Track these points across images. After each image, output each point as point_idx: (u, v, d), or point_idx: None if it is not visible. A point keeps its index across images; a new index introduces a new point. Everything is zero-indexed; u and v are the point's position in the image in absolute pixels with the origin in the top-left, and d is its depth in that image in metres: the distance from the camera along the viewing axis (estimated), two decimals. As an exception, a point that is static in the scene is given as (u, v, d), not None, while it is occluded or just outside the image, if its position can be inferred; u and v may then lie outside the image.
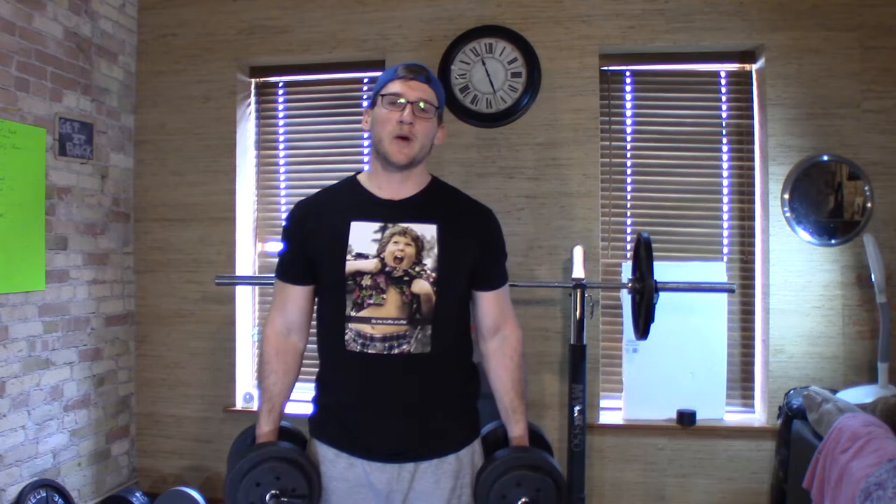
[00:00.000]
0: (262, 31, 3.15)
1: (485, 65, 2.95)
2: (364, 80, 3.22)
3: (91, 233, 2.96)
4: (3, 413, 2.50)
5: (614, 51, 2.98)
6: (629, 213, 3.05)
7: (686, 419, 2.84)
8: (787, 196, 2.81)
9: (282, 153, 3.30)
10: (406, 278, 1.42)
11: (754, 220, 2.96)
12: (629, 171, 3.05)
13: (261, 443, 1.50)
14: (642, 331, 2.49)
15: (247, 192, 3.26)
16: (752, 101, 2.96)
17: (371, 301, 1.42)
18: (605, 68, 3.01)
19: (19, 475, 2.57)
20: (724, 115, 3.01)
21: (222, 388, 3.16)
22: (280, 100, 3.30)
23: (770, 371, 2.82)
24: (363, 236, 1.44)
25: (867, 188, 2.76)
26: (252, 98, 3.28)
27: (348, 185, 1.56)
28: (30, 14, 2.59)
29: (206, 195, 3.18)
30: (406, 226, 1.46)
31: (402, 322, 1.42)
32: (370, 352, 1.42)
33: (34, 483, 2.58)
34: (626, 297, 2.88)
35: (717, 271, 2.90)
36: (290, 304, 1.54)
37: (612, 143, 3.04)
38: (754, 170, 2.96)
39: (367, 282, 1.42)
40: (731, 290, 2.71)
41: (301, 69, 3.22)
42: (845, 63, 2.78)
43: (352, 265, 1.43)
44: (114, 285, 3.11)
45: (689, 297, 2.84)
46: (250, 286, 3.25)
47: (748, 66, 2.97)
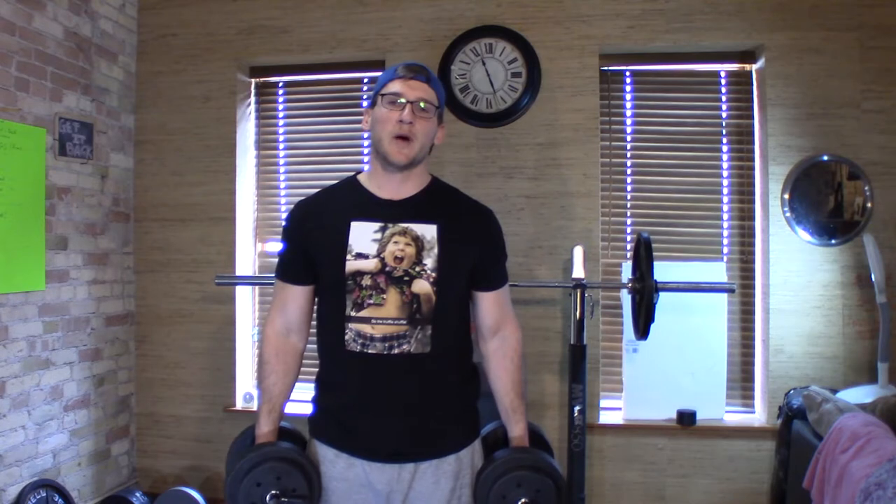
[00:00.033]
0: (262, 31, 3.15)
1: (485, 65, 2.95)
2: (364, 80, 3.22)
3: (91, 233, 2.96)
4: (3, 413, 2.50)
5: (614, 51, 2.98)
6: (629, 213, 3.05)
7: (686, 419, 2.84)
8: (787, 196, 2.81)
9: (282, 153, 3.30)
10: (406, 278, 1.42)
11: (754, 220, 2.96)
12: (629, 171, 3.05)
13: (261, 443, 1.50)
14: (642, 331, 2.49)
15: (247, 192, 3.26)
16: (752, 101, 2.96)
17: (371, 301, 1.42)
18: (605, 68, 3.01)
19: (19, 475, 2.57)
20: (724, 115, 3.01)
21: (222, 388, 3.16)
22: (280, 100, 3.30)
23: (770, 371, 2.82)
24: (363, 236, 1.44)
25: (867, 188, 2.76)
26: (252, 98, 3.28)
27: (348, 185, 1.56)
28: (30, 14, 2.59)
29: (206, 195, 3.18)
30: (406, 226, 1.46)
31: (402, 322, 1.42)
32: (370, 352, 1.42)
33: (34, 483, 2.58)
34: (626, 297, 2.88)
35: (717, 271, 2.90)
36: (290, 305, 1.53)
37: (612, 143, 3.04)
38: (754, 170, 2.96)
39: (367, 282, 1.42)
40: (731, 290, 2.71)
41: (301, 69, 3.22)
42: (845, 63, 2.78)
43: (352, 265, 1.43)
44: (114, 285, 3.11)
45: (689, 297, 2.84)
46: (250, 286, 3.25)
47: (748, 66, 2.97)
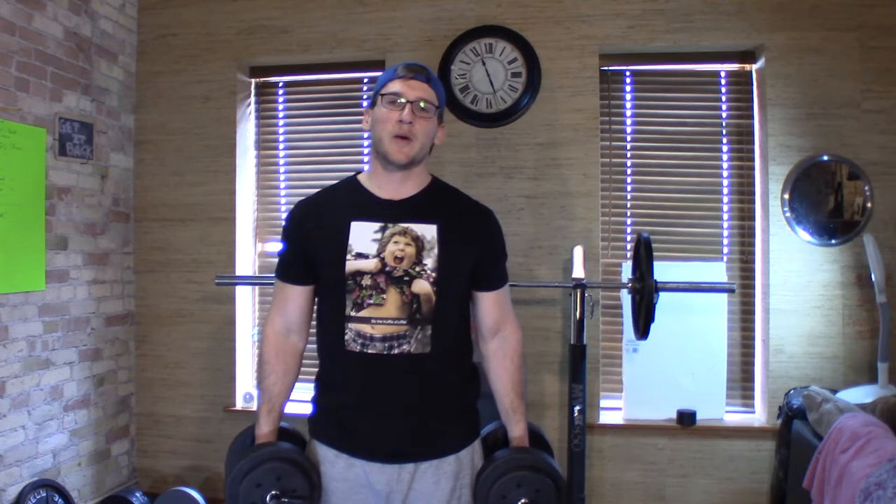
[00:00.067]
0: (262, 31, 3.15)
1: (485, 65, 2.95)
2: (364, 80, 3.22)
3: (91, 233, 2.96)
4: (3, 413, 2.50)
5: (614, 51, 2.98)
6: (629, 213, 3.05)
7: (686, 419, 2.84)
8: (787, 196, 2.81)
9: (282, 153, 3.30)
10: (406, 278, 1.42)
11: (754, 220, 2.96)
12: (629, 171, 3.05)
13: (261, 443, 1.50)
14: (642, 331, 2.49)
15: (247, 192, 3.26)
16: (752, 101, 2.96)
17: (371, 301, 1.42)
18: (605, 68, 3.01)
19: (19, 475, 2.57)
20: (724, 115, 3.01)
21: (222, 388, 3.16)
22: (280, 100, 3.30)
23: (770, 371, 2.82)
24: (363, 236, 1.44)
25: (867, 188, 2.76)
26: (252, 98, 3.28)
27: (348, 184, 1.56)
28: (30, 14, 2.59)
29: (206, 195, 3.18)
30: (406, 226, 1.46)
31: (402, 322, 1.42)
32: (370, 352, 1.41)
33: (34, 483, 2.58)
34: (626, 297, 2.88)
35: (717, 271, 2.90)
36: (289, 304, 1.53)
37: (612, 143, 3.04)
38: (754, 170, 2.96)
39: (367, 282, 1.42)
40: (731, 290, 2.71)
41: (301, 69, 3.22)
42: (845, 63, 2.78)
43: (352, 265, 1.43)
44: (114, 285, 3.11)
45: (689, 297, 2.84)
46: (250, 286, 3.25)
47: (748, 66, 2.96)
